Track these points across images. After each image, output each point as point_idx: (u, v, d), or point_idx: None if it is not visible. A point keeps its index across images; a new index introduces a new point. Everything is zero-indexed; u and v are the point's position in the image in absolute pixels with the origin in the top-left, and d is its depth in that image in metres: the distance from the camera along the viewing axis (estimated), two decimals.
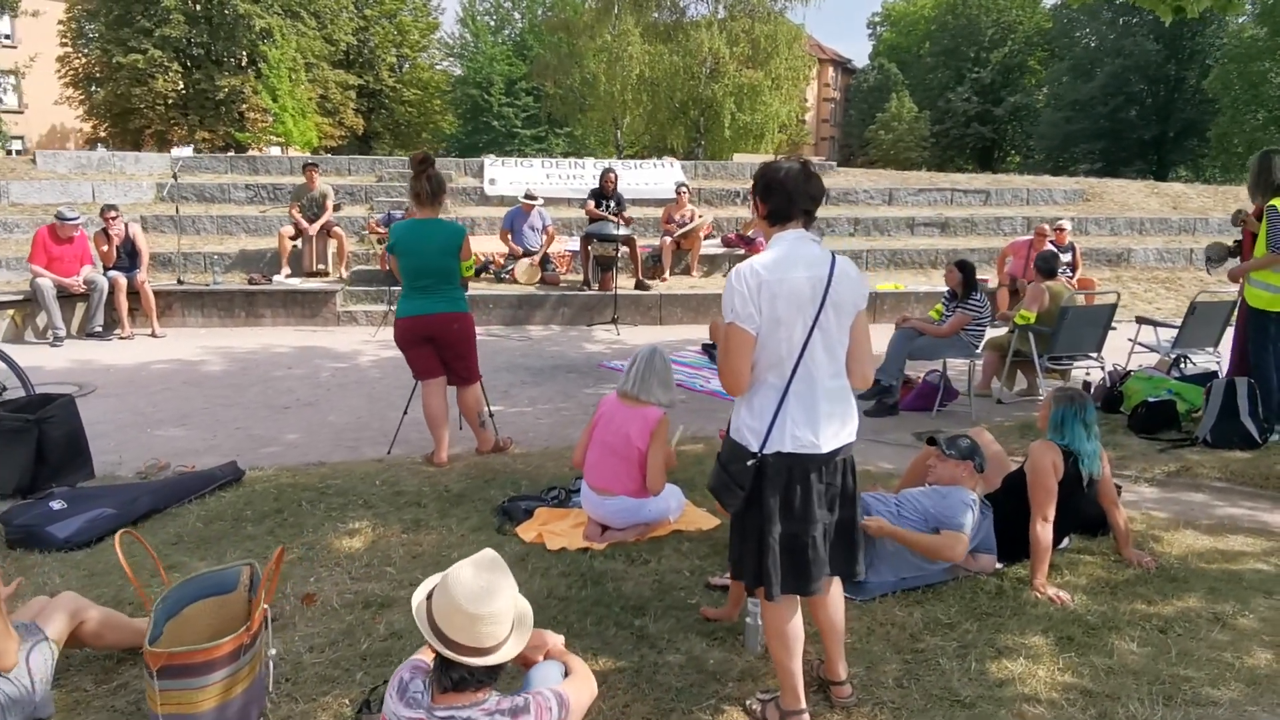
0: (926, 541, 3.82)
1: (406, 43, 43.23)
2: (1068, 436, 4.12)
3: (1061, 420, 4.16)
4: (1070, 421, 4.13)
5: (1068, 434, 4.13)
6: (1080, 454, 4.08)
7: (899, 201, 14.17)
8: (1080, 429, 4.12)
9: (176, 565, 4.04)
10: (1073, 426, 4.13)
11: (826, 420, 2.72)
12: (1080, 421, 4.13)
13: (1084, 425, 4.13)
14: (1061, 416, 4.16)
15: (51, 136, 41.51)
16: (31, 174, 12.30)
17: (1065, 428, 4.14)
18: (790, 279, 2.66)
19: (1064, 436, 4.13)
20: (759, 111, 28.67)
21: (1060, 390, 4.28)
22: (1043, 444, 4.11)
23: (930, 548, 3.82)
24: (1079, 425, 4.12)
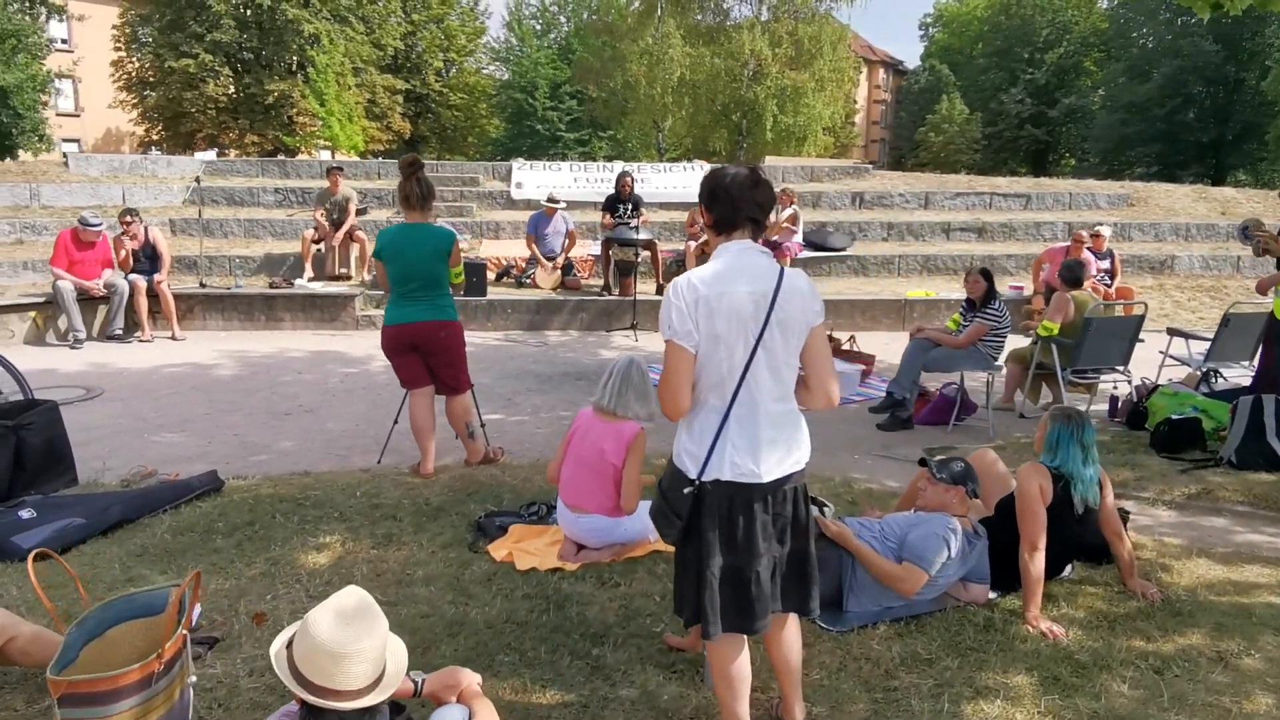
0: (884, 567, 3.61)
1: (453, 47, 43.56)
2: (1060, 459, 3.86)
3: (1056, 440, 3.90)
4: (1066, 442, 3.87)
5: (1061, 456, 3.86)
6: (1074, 478, 3.82)
7: (935, 206, 13.80)
8: (1076, 451, 3.85)
9: (137, 578, 3.95)
10: (1068, 448, 3.86)
11: (769, 447, 2.51)
12: (1077, 443, 3.86)
13: (1081, 447, 3.86)
14: (1057, 437, 3.89)
15: (107, 139, 42.59)
16: (63, 177, 12.50)
17: (1060, 449, 3.88)
18: (730, 294, 2.46)
19: (1056, 459, 3.87)
20: (802, 114, 28.31)
21: (1058, 409, 4.01)
22: (1030, 467, 3.84)
23: (886, 574, 3.60)
24: (1075, 447, 3.85)
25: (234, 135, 35.96)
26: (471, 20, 44.95)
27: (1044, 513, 3.74)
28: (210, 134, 36.12)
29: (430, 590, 3.82)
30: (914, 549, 3.63)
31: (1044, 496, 3.76)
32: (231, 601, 3.74)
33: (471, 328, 10.26)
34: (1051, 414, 3.99)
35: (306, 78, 32.79)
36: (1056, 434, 3.91)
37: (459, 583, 3.90)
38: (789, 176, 14.65)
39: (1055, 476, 3.82)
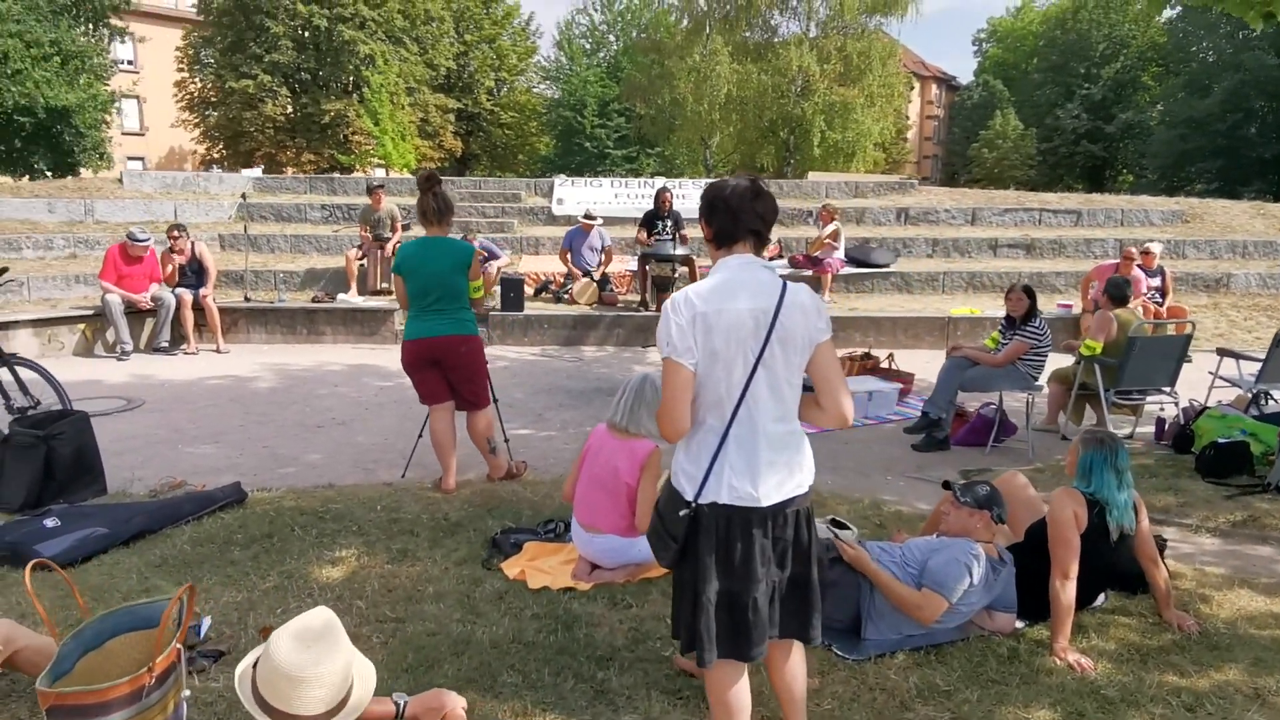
0: (902, 593, 3.49)
1: (505, 66, 44.14)
2: (1095, 484, 3.70)
3: (1090, 466, 3.74)
4: (1099, 467, 3.71)
5: (1095, 481, 3.71)
6: (1109, 504, 3.66)
7: (983, 222, 13.53)
8: (1110, 476, 3.69)
9: (152, 589, 3.97)
10: (1101, 473, 3.70)
11: (768, 470, 2.42)
12: (1110, 468, 3.70)
13: (1115, 472, 3.70)
14: (1090, 461, 3.74)
15: (169, 158, 43.89)
16: (118, 193, 12.83)
17: (1093, 474, 3.72)
18: (729, 310, 2.39)
19: (1090, 484, 3.71)
20: (850, 129, 28.08)
21: (1089, 432, 3.85)
22: (1063, 492, 3.70)
23: (904, 601, 3.48)
24: (1109, 472, 3.69)
25: (291, 154, 36.79)
26: (523, 40, 45.52)
27: (1077, 540, 3.59)
28: (268, 152, 37.00)
29: (439, 607, 3.78)
30: (934, 575, 3.50)
31: (1078, 523, 3.61)
32: (242, 614, 3.74)
33: (508, 342, 10.33)
34: (1083, 438, 3.84)
35: (361, 97, 33.39)
36: (1090, 459, 3.76)
37: (469, 600, 3.86)
38: (832, 192, 14.50)
39: (1090, 502, 3.66)
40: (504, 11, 44.22)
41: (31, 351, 9.25)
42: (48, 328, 9.37)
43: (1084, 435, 3.84)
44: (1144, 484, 5.41)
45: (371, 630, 3.61)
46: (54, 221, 11.72)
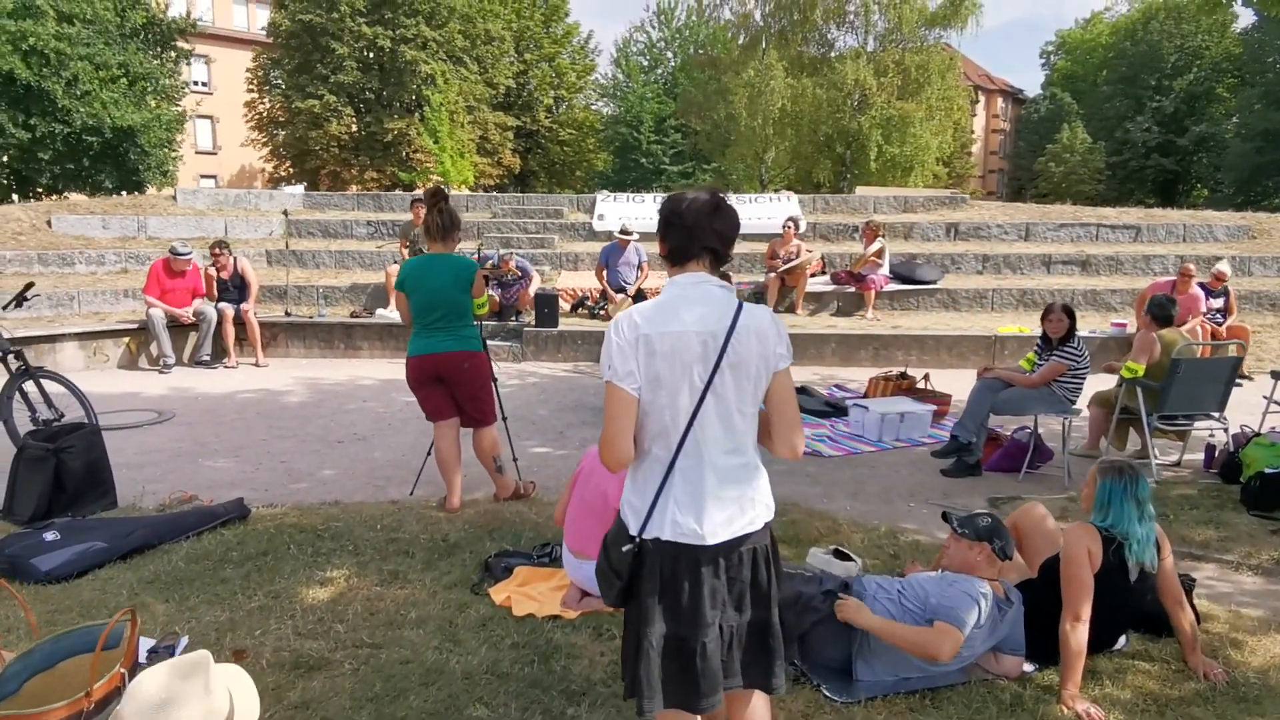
0: (909, 636, 3.26)
1: (564, 84, 44.50)
2: (1113, 518, 3.45)
3: (1108, 497, 3.48)
4: (1118, 498, 3.45)
5: (1113, 515, 3.45)
6: (1127, 538, 3.40)
7: (1037, 237, 13.10)
8: (1130, 508, 3.43)
9: (140, 605, 3.95)
10: (1120, 505, 3.45)
11: (715, 505, 2.26)
12: (1130, 499, 3.44)
13: (1135, 503, 3.44)
14: (1108, 493, 3.48)
15: (240, 175, 45.17)
16: (171, 210, 13.14)
17: (1111, 506, 3.46)
18: (673, 331, 2.23)
19: (1108, 518, 3.46)
20: (908, 144, 27.59)
21: (1107, 462, 3.59)
22: (1078, 527, 3.45)
23: (914, 643, 3.25)
24: (1128, 503, 3.44)
25: (354, 171, 37.54)
26: (582, 58, 45.87)
27: (1090, 579, 3.34)
28: (333, 170, 37.81)
29: (419, 634, 3.68)
30: (944, 606, 3.28)
31: (1093, 561, 3.37)
32: (221, 634, 3.69)
33: (542, 358, 10.27)
34: (1101, 467, 3.58)
35: (422, 116, 33.91)
36: (1108, 490, 3.50)
37: (450, 627, 3.74)
38: (880, 207, 14.20)
39: (1106, 539, 3.42)
40: (564, 30, 44.65)
41: (77, 364, 9.50)
42: (93, 341, 9.58)
43: (1101, 464, 3.59)
44: (1183, 516, 5.11)
45: (345, 656, 3.52)
46: (108, 237, 12.04)
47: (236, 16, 47.14)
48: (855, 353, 10.18)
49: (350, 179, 37.61)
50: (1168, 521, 5.04)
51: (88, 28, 18.26)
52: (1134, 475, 3.49)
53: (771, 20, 29.54)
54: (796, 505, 5.40)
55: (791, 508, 5.33)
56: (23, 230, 11.56)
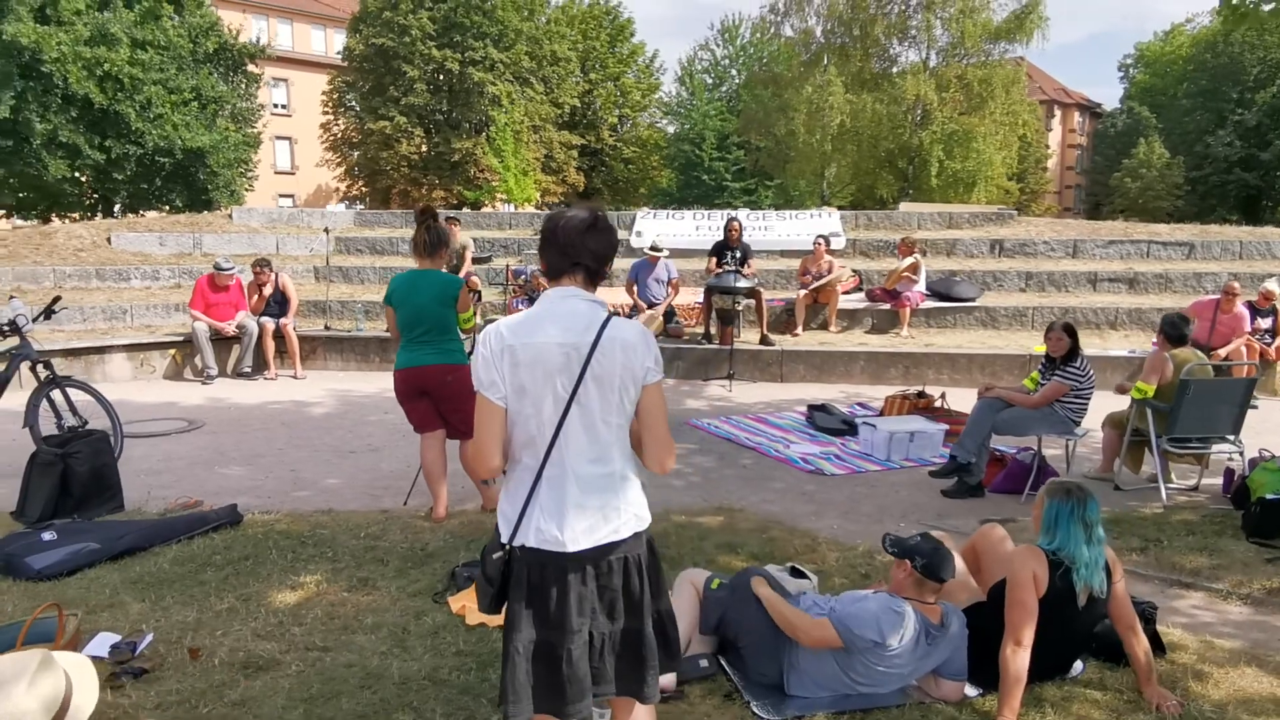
0: (787, 614, 3.36)
1: (628, 103, 44.99)
2: (1059, 540, 3.37)
3: (1055, 520, 3.41)
4: (1065, 521, 3.38)
5: (1060, 537, 3.37)
6: (1074, 562, 3.32)
7: (1084, 254, 12.74)
8: (1077, 531, 3.36)
9: (117, 604, 4.14)
10: (1067, 527, 3.37)
11: (577, 514, 2.30)
12: (1078, 521, 3.36)
13: (1083, 526, 3.36)
14: (1055, 515, 3.40)
15: (316, 195, 46.61)
16: (226, 228, 13.67)
17: (1058, 529, 3.39)
18: (536, 343, 2.29)
19: (1054, 540, 3.38)
20: (971, 159, 27.13)
21: (1055, 483, 3.51)
22: (1024, 550, 3.38)
23: (786, 620, 3.33)
24: (1075, 525, 3.36)
25: (423, 190, 38.46)
26: (647, 77, 46.30)
27: (1034, 603, 3.27)
28: (404, 189, 38.81)
29: (370, 639, 3.77)
30: (844, 613, 3.28)
31: (1037, 585, 3.30)
32: (183, 633, 3.84)
33: None
34: (1048, 488, 3.51)
35: (489, 136, 34.58)
36: (1054, 512, 3.43)
37: (402, 634, 3.83)
38: (925, 223, 13.99)
39: (1053, 562, 3.34)
40: (629, 50, 45.16)
41: (125, 374, 9.95)
42: (140, 352, 10.02)
43: (1049, 485, 3.52)
44: (1177, 542, 4.93)
45: (294, 658, 3.63)
46: (164, 254, 12.58)
47: (314, 41, 48.81)
48: (885, 371, 10.04)
49: (420, 197, 38.50)
50: (1160, 547, 4.89)
51: (161, 54, 19.16)
52: (1082, 497, 3.40)
53: (832, 36, 29.43)
54: (780, 523, 5.37)
55: (774, 525, 5.31)
56: (84, 247, 12.17)
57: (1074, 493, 3.43)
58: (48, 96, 17.73)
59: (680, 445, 7.38)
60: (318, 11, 48.83)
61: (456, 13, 35.39)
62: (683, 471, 6.63)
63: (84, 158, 18.64)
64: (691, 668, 3.52)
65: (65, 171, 18.52)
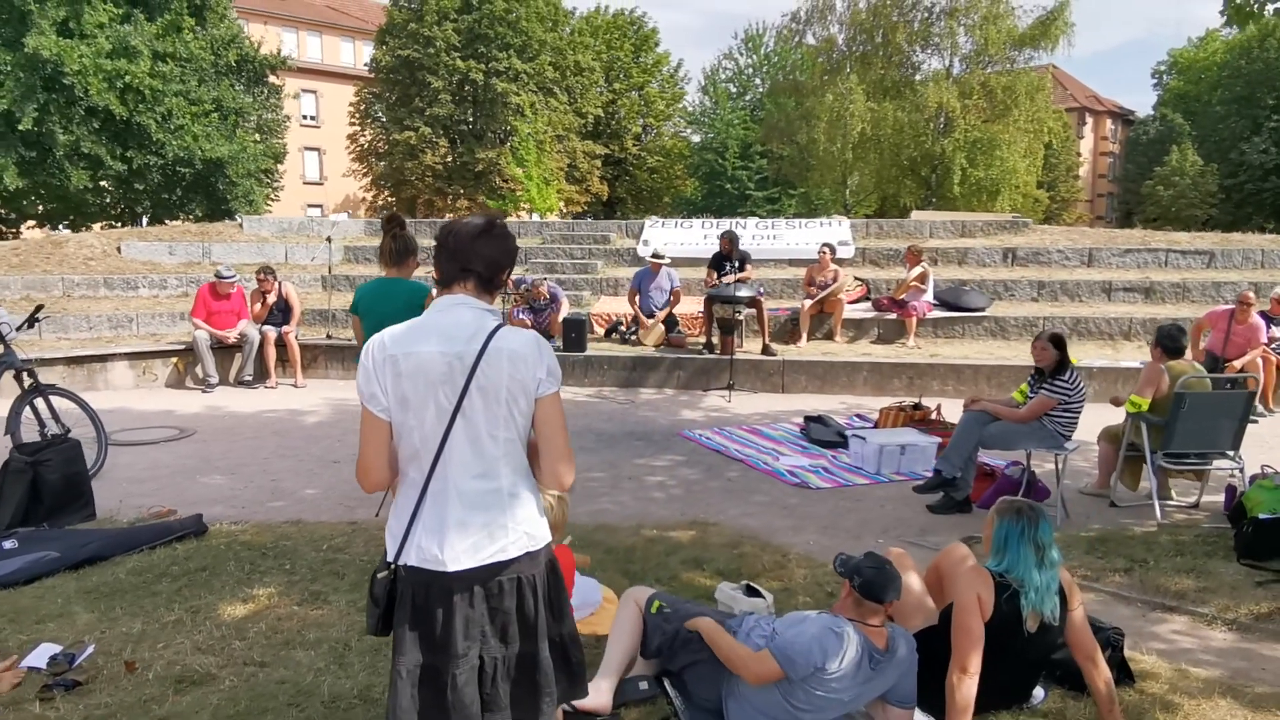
0: (726, 647, 3.17)
1: (652, 112, 45.01)
2: (1008, 562, 3.22)
3: (1004, 541, 3.26)
4: (1014, 543, 3.23)
5: (1009, 559, 3.23)
6: (1024, 586, 3.17)
7: (1100, 263, 12.47)
8: (1028, 553, 3.21)
9: (68, 614, 4.11)
10: (1017, 549, 3.22)
11: (459, 532, 2.20)
12: (1029, 543, 3.22)
13: (1035, 548, 3.21)
14: (1004, 536, 3.26)
15: (344, 204, 47.03)
16: (236, 237, 13.77)
17: (1007, 551, 3.24)
18: (418, 353, 2.20)
19: (1003, 562, 3.23)
20: (994, 167, 26.78)
21: (1006, 501, 3.37)
22: (969, 571, 3.24)
23: (728, 655, 3.14)
24: (1026, 548, 3.21)
25: (448, 200, 38.69)
26: (671, 87, 46.32)
27: (980, 628, 3.13)
28: (428, 199, 39.07)
29: (308, 655, 3.70)
30: (782, 639, 3.13)
31: (983, 609, 3.15)
32: (126, 645, 3.79)
33: (569, 383, 10.25)
34: (998, 507, 3.36)
35: (513, 146, 34.70)
36: (1004, 532, 3.29)
37: (342, 650, 3.75)
38: (937, 232, 13.78)
39: (1000, 585, 3.19)
40: (654, 60, 45.21)
41: (127, 382, 10.01)
42: (143, 360, 10.08)
43: (1000, 504, 3.37)
44: (1164, 563, 4.74)
45: (230, 673, 3.57)
46: (173, 263, 12.68)
47: (343, 53, 49.34)
48: (888, 382, 9.86)
49: (444, 207, 38.77)
50: (1146, 568, 4.70)
51: (182, 66, 19.41)
52: (1034, 517, 3.26)
53: (854, 44, 29.25)
54: (754, 538, 5.24)
55: (747, 540, 5.19)
56: (94, 256, 12.30)
57: (1025, 512, 3.28)
58: (70, 108, 18.02)
59: (667, 457, 7.29)
60: (347, 24, 49.40)
61: (481, 24, 35.64)
62: (665, 484, 6.52)
63: (106, 168, 18.90)
64: (631, 690, 3.42)
65: (87, 182, 18.77)
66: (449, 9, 35.35)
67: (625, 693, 3.39)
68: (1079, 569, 4.74)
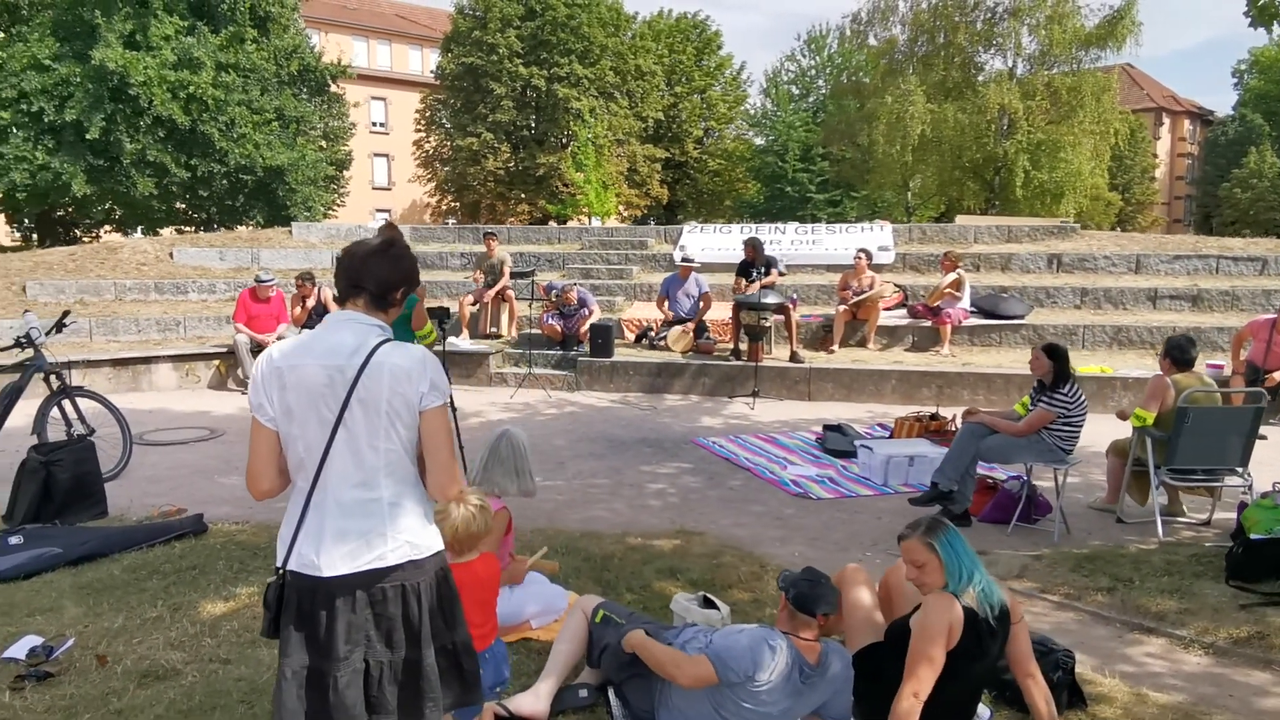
0: (659, 655, 3.21)
1: (714, 116, 44.90)
2: (967, 565, 3.12)
3: (953, 550, 3.14)
4: (960, 546, 3.14)
5: (966, 562, 3.12)
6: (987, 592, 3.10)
7: (1148, 270, 12.08)
8: (972, 552, 3.15)
9: (57, 609, 4.31)
10: (964, 551, 3.14)
11: (336, 539, 2.28)
12: (964, 543, 3.16)
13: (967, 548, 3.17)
14: (950, 544, 3.14)
15: (411, 210, 48.04)
16: (285, 243, 14.19)
17: (961, 556, 3.13)
18: (302, 366, 2.30)
19: (962, 575, 3.12)
20: (1058, 169, 26.09)
21: (927, 520, 3.27)
22: (940, 599, 3.11)
23: (660, 661, 3.18)
24: (967, 547, 3.15)
25: (509, 204, 39.19)
26: (734, 89, 46.14)
27: (943, 658, 3.03)
28: (490, 204, 39.62)
29: (270, 654, 3.78)
30: (717, 645, 3.15)
31: (949, 638, 3.05)
32: (100, 640, 3.96)
33: (594, 388, 10.37)
34: (928, 527, 3.25)
35: (573, 151, 34.97)
36: (948, 543, 3.18)
37: None
38: (982, 237, 13.51)
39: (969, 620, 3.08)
40: (716, 63, 45.11)
41: (170, 384, 10.40)
42: (186, 363, 10.47)
43: (926, 527, 3.24)
44: (1148, 583, 4.60)
45: (194, 669, 3.71)
46: (223, 268, 13.13)
47: (412, 61, 50.39)
48: (917, 391, 9.71)
49: (505, 211, 39.29)
50: (1129, 588, 4.56)
51: (245, 76, 20.08)
52: (946, 524, 3.22)
53: (915, 45, 28.82)
54: (736, 549, 5.22)
55: (728, 550, 5.18)
56: (147, 261, 12.80)
57: (939, 520, 3.24)
58: (137, 118, 18.78)
59: (673, 465, 7.31)
60: (415, 32, 50.42)
61: (543, 30, 36.01)
62: (664, 492, 6.54)
63: (171, 175, 19.65)
64: (571, 698, 3.46)
65: (152, 189, 19.53)
66: (512, 16, 35.81)
67: (565, 700, 3.44)
68: (1061, 587, 4.64)
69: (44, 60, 18.04)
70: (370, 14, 50.22)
